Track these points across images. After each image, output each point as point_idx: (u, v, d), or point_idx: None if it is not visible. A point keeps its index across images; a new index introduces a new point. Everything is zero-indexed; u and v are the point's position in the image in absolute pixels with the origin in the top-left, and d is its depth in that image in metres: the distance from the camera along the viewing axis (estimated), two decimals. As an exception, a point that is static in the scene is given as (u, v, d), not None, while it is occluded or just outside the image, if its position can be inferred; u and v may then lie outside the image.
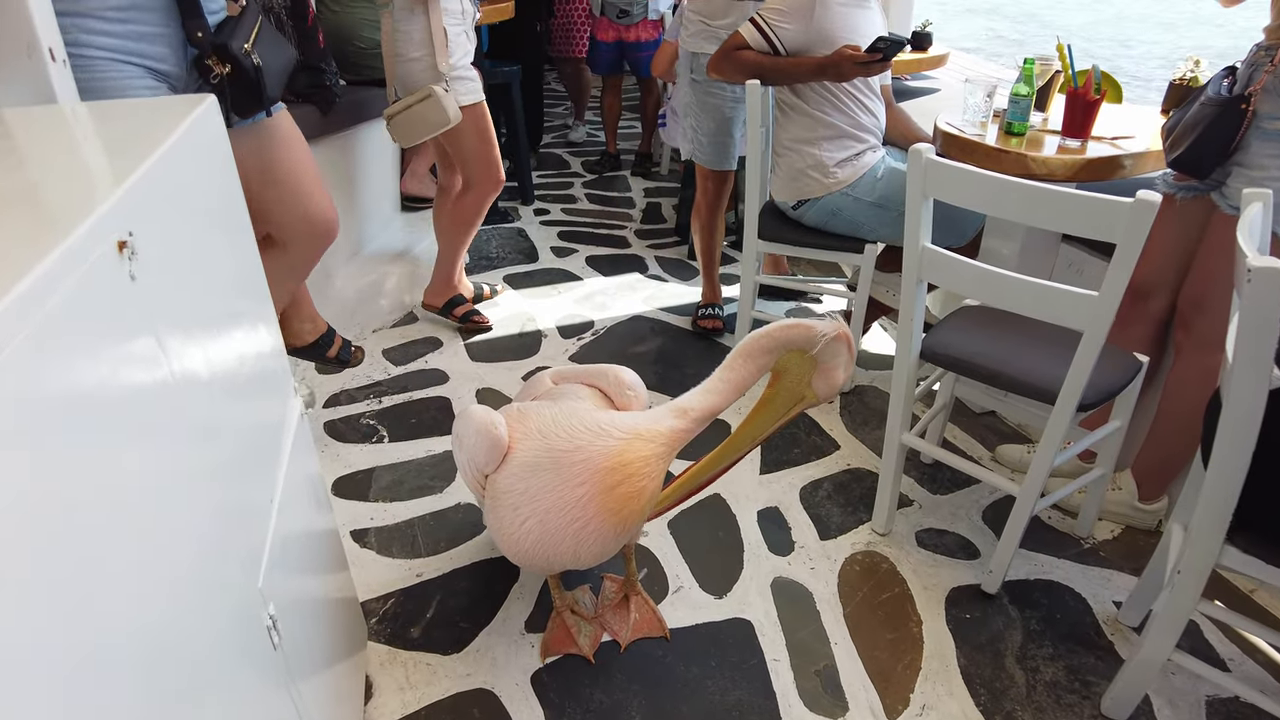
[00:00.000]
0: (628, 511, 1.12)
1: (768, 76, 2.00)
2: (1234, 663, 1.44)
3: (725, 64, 2.05)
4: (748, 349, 1.16)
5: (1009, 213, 1.34)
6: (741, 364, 1.17)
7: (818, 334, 1.13)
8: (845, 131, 2.01)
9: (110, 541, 0.55)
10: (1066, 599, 1.57)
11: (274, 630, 0.84)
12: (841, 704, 1.35)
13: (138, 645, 0.57)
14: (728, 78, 2.09)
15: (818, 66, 1.93)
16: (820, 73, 1.93)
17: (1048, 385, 1.39)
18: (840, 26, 1.94)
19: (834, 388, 1.19)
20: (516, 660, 1.42)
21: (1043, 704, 1.36)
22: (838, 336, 1.13)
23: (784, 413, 1.24)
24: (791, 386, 1.21)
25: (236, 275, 0.96)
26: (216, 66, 1.17)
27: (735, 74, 2.04)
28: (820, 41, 1.94)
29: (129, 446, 0.60)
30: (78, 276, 0.54)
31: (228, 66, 1.18)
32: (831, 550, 1.67)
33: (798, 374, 1.20)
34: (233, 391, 0.86)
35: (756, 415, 1.25)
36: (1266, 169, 1.39)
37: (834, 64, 1.90)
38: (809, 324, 1.14)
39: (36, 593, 0.46)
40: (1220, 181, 1.48)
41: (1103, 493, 1.69)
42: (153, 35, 1.14)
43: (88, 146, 0.85)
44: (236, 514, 0.81)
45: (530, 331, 2.55)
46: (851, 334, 1.17)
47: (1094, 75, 1.70)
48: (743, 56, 2.00)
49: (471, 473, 1.23)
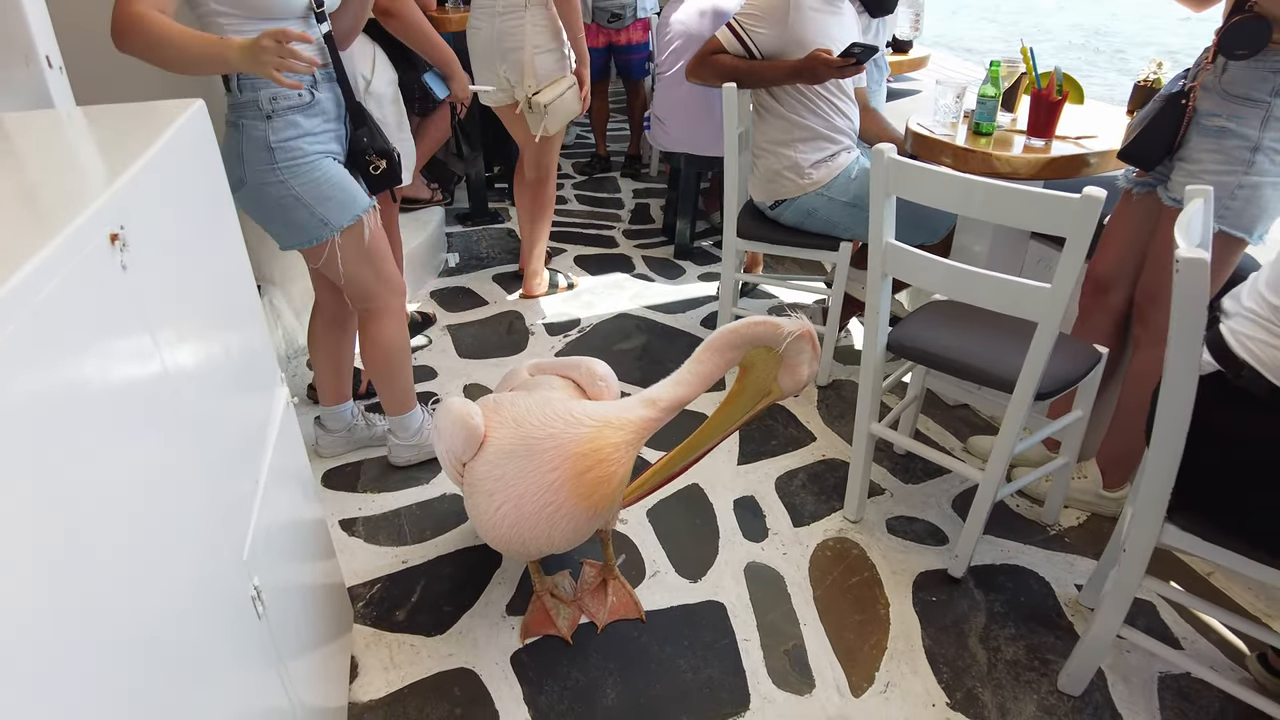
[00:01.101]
0: (598, 496, 1.18)
1: (744, 79, 2.07)
2: (1187, 641, 1.50)
3: (703, 68, 2.12)
4: (716, 344, 1.21)
5: (967, 209, 1.39)
6: (709, 358, 1.22)
7: (783, 331, 1.19)
8: (819, 133, 2.07)
9: (100, 510, 0.60)
10: (1030, 583, 1.63)
11: (258, 600, 0.89)
12: (808, 681, 1.41)
13: (127, 614, 0.62)
14: (705, 81, 2.15)
15: (792, 69, 1.99)
16: (795, 75, 1.99)
17: (1007, 374, 1.45)
18: (813, 30, 2.00)
19: (798, 383, 1.25)
20: (497, 641, 1.47)
21: (1002, 681, 1.42)
22: (802, 334, 1.19)
23: (751, 406, 1.30)
24: (758, 381, 1.27)
25: (223, 267, 1.02)
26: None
27: (713, 78, 2.11)
28: (794, 45, 2.00)
29: (119, 423, 0.66)
30: (72, 266, 0.60)
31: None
32: (804, 536, 1.73)
33: (764, 369, 1.25)
34: (219, 375, 0.92)
35: (725, 408, 1.31)
36: (1203, 163, 1.45)
37: (808, 67, 1.96)
38: (775, 321, 1.20)
39: (31, 557, 0.51)
40: (1166, 176, 1.54)
41: (1067, 480, 1.75)
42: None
43: (82, 148, 0.91)
44: (223, 490, 0.87)
45: (518, 329, 2.61)
46: (829, 329, 1.22)
47: (1056, 77, 1.76)
48: (719, 61, 2.07)
49: (450, 461, 1.29)
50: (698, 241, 3.23)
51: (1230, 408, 1.08)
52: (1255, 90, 1.37)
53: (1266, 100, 1.36)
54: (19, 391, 0.51)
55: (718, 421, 1.31)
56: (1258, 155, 1.38)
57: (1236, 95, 1.39)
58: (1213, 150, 1.42)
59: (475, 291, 2.87)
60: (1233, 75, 1.40)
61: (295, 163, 1.44)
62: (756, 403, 1.30)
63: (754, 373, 1.27)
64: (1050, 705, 1.37)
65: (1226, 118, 1.40)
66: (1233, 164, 1.40)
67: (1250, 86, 1.38)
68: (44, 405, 0.54)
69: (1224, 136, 1.41)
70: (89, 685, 0.56)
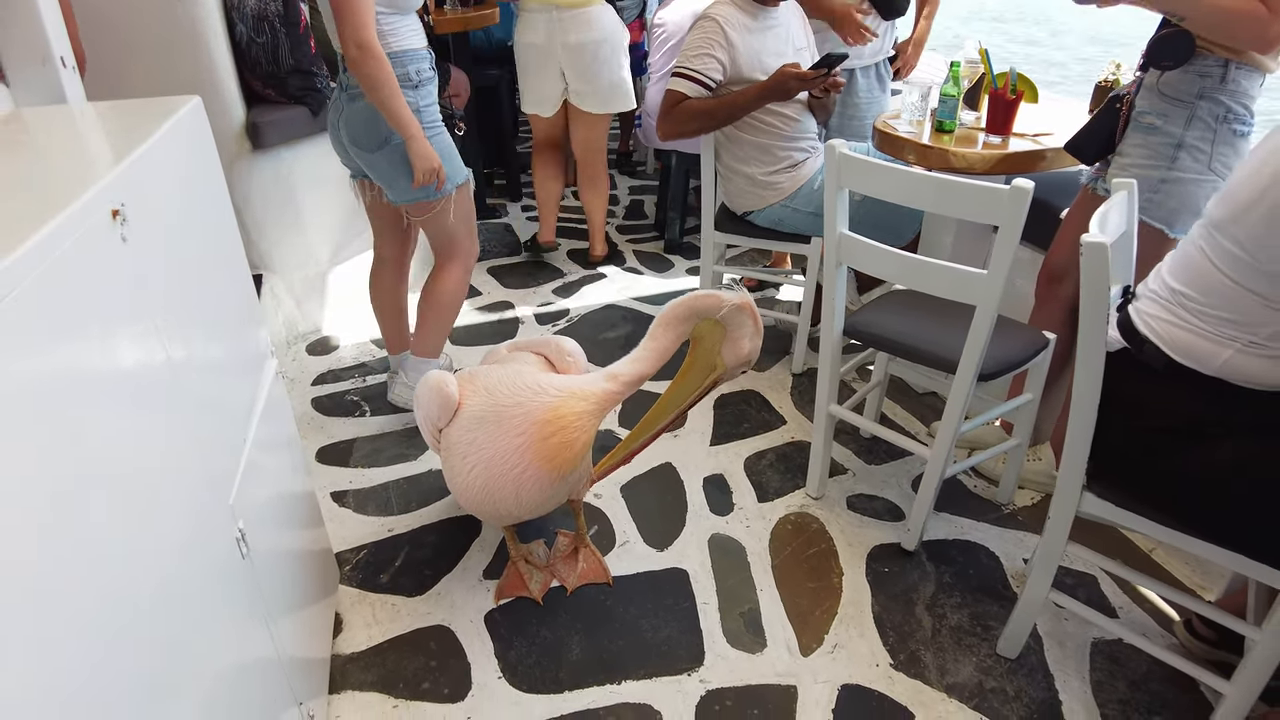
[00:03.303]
0: (560, 460, 1.28)
1: (718, 113, 2.07)
2: (1123, 610, 1.59)
3: (670, 121, 2.09)
4: (666, 318, 1.32)
5: (915, 200, 1.49)
6: (662, 332, 1.33)
7: (723, 302, 1.29)
8: (768, 146, 2.14)
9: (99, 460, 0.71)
10: (980, 557, 1.72)
11: (242, 542, 1.00)
12: (761, 641, 1.50)
13: (122, 557, 0.71)
14: (682, 131, 2.11)
15: (762, 91, 2.02)
16: (766, 95, 2.02)
17: (950, 356, 1.54)
18: (755, 50, 2.07)
19: (741, 358, 1.34)
20: (473, 602, 1.58)
21: (944, 645, 1.51)
22: (741, 305, 1.29)
23: (700, 383, 1.39)
24: (705, 355, 1.36)
25: (216, 245, 1.13)
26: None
27: (688, 124, 2.08)
28: (745, 67, 2.06)
29: (118, 378, 0.76)
30: (77, 236, 0.71)
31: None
32: (767, 511, 1.83)
33: (710, 342, 1.35)
34: (211, 342, 1.03)
35: (677, 383, 1.41)
36: (1132, 157, 1.54)
37: (778, 84, 1.99)
38: (717, 293, 1.30)
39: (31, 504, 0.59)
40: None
41: (1020, 460, 1.83)
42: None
43: (90, 137, 1.02)
44: (212, 442, 0.98)
45: (509, 319, 2.72)
46: (802, 320, 1.27)
47: (1010, 77, 1.85)
48: (688, 107, 2.06)
49: (428, 427, 1.40)
50: (687, 237, 3.33)
51: (1135, 380, 1.17)
52: (1183, 92, 1.46)
53: (1192, 101, 1.45)
54: (27, 349, 0.62)
55: (671, 396, 1.41)
56: (1180, 152, 1.47)
57: (1167, 95, 1.48)
58: (1141, 145, 1.51)
59: (471, 284, 2.98)
60: (1167, 76, 1.48)
61: (432, 125, 1.78)
62: (704, 379, 1.38)
63: (702, 346, 1.36)
64: (988, 666, 1.46)
65: (1156, 115, 1.49)
66: (1158, 159, 1.49)
67: (1179, 88, 1.46)
68: (49, 360, 0.65)
69: (1152, 133, 1.49)
70: (87, 626, 0.64)
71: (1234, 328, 1.11)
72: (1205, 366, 1.13)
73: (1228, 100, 1.44)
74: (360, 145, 1.77)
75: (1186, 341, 1.14)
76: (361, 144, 1.76)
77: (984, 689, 1.41)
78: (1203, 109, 1.44)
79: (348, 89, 1.73)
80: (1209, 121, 1.46)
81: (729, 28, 2.04)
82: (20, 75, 1.17)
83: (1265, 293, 1.07)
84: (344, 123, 1.77)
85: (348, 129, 1.77)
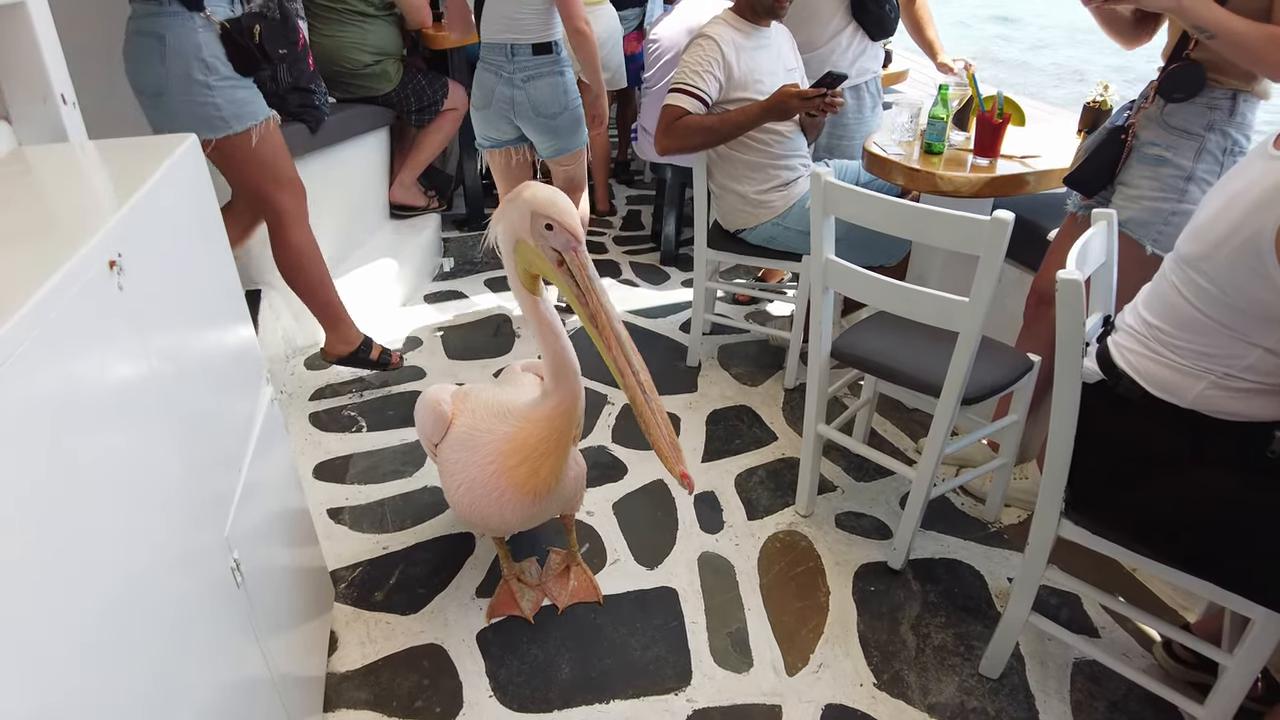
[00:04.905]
0: (531, 486, 1.31)
1: (718, 130, 2.08)
2: (1105, 630, 1.61)
3: (671, 136, 2.08)
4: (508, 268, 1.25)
5: (897, 229, 1.51)
6: (517, 289, 1.27)
7: (503, 215, 1.18)
8: (761, 165, 2.17)
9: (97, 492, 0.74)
10: (966, 576, 1.75)
11: (237, 571, 1.03)
12: (747, 660, 1.53)
13: (120, 582, 0.76)
14: (683, 146, 2.11)
15: (762, 110, 2.04)
16: (766, 114, 2.04)
17: (934, 380, 1.56)
18: (749, 68, 2.10)
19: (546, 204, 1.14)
20: (465, 621, 1.61)
21: (928, 664, 1.54)
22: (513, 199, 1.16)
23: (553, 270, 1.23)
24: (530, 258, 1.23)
25: (212, 280, 1.16)
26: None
27: (689, 139, 2.09)
28: (739, 85, 2.09)
29: (113, 421, 0.79)
30: (76, 290, 0.73)
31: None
32: (756, 529, 1.86)
33: (529, 253, 1.21)
34: (207, 377, 1.06)
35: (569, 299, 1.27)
36: (1139, 188, 1.56)
37: (779, 103, 2.01)
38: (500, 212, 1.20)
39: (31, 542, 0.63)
40: (1108, 200, 1.65)
41: (1007, 479, 1.86)
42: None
43: (89, 181, 1.05)
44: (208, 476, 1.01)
45: (505, 332, 2.75)
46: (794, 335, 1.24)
47: (998, 100, 1.87)
48: (688, 122, 2.06)
49: (425, 442, 1.44)
50: (684, 249, 3.35)
51: (1112, 412, 1.20)
52: (1192, 124, 1.47)
53: (1201, 134, 1.46)
54: (31, 395, 0.65)
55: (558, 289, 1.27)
56: (1190, 185, 1.48)
57: (1175, 127, 1.49)
58: (1150, 177, 1.52)
59: (467, 295, 3.01)
60: (1173, 108, 1.50)
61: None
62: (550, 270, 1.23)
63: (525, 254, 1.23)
64: (970, 686, 1.49)
65: (1164, 147, 1.50)
66: (1167, 192, 1.51)
67: (1188, 120, 1.48)
68: (50, 407, 0.68)
69: (1161, 165, 1.51)
70: (80, 649, 0.67)
71: (1208, 360, 1.13)
72: (1180, 399, 1.16)
73: (1234, 133, 1.46)
74: (544, 113, 2.31)
75: (1161, 375, 1.17)
76: (546, 111, 2.31)
77: (965, 709, 1.44)
78: (1211, 142, 1.46)
79: (525, 71, 2.26)
80: (1216, 154, 1.47)
81: (726, 46, 2.08)
82: (23, 112, 1.20)
83: (1236, 326, 1.10)
84: (528, 98, 2.28)
85: (533, 102, 2.29)
